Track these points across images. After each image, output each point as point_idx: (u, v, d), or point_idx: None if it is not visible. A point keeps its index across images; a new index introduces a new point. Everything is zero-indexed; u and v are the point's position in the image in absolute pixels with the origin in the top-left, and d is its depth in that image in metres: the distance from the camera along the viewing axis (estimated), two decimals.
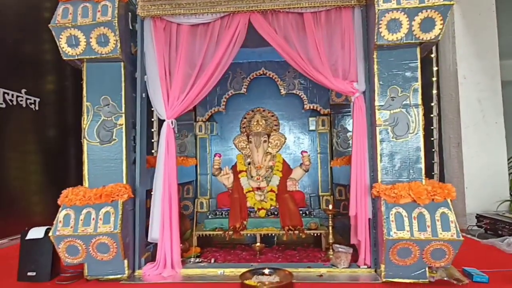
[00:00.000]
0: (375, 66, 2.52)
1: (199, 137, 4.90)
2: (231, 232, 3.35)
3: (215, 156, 3.93)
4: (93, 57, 2.59)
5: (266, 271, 2.52)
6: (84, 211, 2.47)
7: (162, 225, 2.73)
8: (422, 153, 2.44)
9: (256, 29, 2.90)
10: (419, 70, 2.48)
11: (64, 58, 2.59)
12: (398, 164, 2.46)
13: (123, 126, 2.67)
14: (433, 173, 4.99)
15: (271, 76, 4.79)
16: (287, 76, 4.76)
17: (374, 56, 2.53)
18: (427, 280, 2.35)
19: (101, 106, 2.66)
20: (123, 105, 2.68)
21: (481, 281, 2.38)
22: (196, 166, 4.87)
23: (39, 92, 4.52)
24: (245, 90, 4.80)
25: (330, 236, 3.11)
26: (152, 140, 5.37)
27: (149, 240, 2.79)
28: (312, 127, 4.80)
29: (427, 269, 2.36)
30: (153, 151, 5.29)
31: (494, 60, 4.69)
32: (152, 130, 5.36)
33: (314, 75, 2.83)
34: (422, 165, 2.44)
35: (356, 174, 2.70)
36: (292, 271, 2.60)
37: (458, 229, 2.27)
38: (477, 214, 4.17)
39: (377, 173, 2.51)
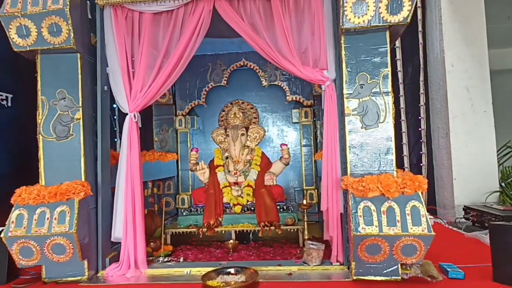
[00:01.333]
0: (343, 52, 2.37)
1: (180, 131, 4.78)
2: (204, 229, 3.24)
3: (191, 150, 3.80)
4: (45, 48, 2.45)
5: (232, 270, 2.40)
6: (38, 210, 2.35)
7: (125, 223, 2.62)
8: (392, 143, 2.30)
9: (222, 17, 2.75)
10: (388, 55, 2.33)
11: (15, 50, 2.46)
12: (367, 155, 2.33)
13: (81, 121, 2.54)
14: (421, 164, 4.86)
15: (252, 67, 4.65)
16: (269, 67, 4.61)
17: (342, 41, 2.38)
18: (400, 277, 2.23)
19: (57, 100, 2.53)
20: (80, 99, 2.55)
21: (457, 277, 2.26)
22: (177, 161, 4.77)
23: (12, 88, 4.39)
24: (225, 82, 4.67)
25: (305, 232, 2.98)
26: None
27: (112, 239, 2.68)
28: (295, 119, 4.66)
29: (399, 266, 2.23)
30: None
31: (482, 47, 4.52)
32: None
33: (283, 64, 2.69)
34: (393, 156, 2.30)
35: (327, 167, 2.57)
36: (262, 269, 2.49)
37: (430, 223, 2.14)
38: (465, 206, 4.03)
39: (347, 166, 2.38)
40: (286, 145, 3.74)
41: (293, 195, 4.60)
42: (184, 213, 3.51)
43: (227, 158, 3.82)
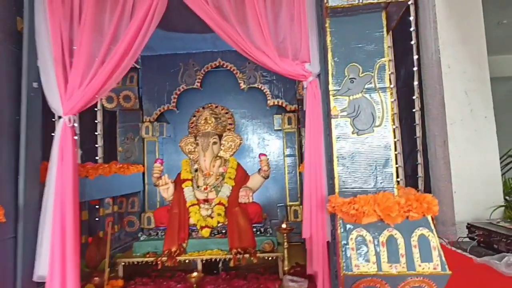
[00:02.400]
0: (328, 38, 1.88)
1: (147, 140, 4.23)
2: (164, 258, 2.67)
3: (155, 162, 3.23)
4: None
5: None
6: None
7: (51, 257, 2.04)
8: (392, 153, 1.81)
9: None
10: (385, 42, 1.84)
11: None
12: (360, 168, 1.82)
13: None
14: (417, 176, 4.39)
15: (229, 68, 4.16)
16: (247, 67, 4.13)
17: (327, 25, 1.89)
18: None
19: None
20: None
21: None
22: (143, 174, 4.20)
23: None
24: (199, 84, 4.15)
25: (285, 262, 2.44)
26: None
27: (34, 279, 2.08)
28: (277, 126, 4.17)
29: None
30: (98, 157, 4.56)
31: (481, 46, 4.11)
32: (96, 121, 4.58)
33: (257, 56, 2.20)
34: (393, 169, 1.81)
35: (310, 183, 2.06)
36: None
37: (443, 258, 1.63)
38: (468, 224, 3.55)
39: (334, 182, 1.86)
40: (265, 155, 3.22)
41: (275, 212, 4.07)
42: (141, 238, 2.92)
43: (196, 170, 3.28)
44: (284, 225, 2.46)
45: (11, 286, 2.02)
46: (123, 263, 2.71)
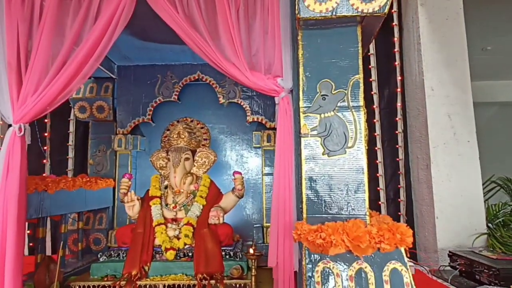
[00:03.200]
0: (300, 52, 1.76)
1: (119, 153, 4.02)
2: (123, 283, 2.44)
3: (123, 177, 3.04)
4: None
5: None
6: None
7: None
8: (365, 177, 1.66)
9: (150, 5, 2.12)
10: (360, 58, 1.73)
11: None
12: (330, 192, 1.67)
13: None
14: (399, 200, 4.27)
15: (208, 81, 4.03)
16: (227, 82, 4.00)
17: (299, 37, 1.77)
18: None
19: None
20: None
21: None
22: (113, 189, 3.97)
23: None
24: (176, 97, 4.00)
25: None
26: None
27: None
28: (256, 143, 4.01)
29: None
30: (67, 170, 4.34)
31: (464, 70, 4.09)
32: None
33: (227, 68, 2.08)
34: (365, 195, 1.66)
35: (278, 206, 1.90)
36: None
37: None
38: (450, 252, 3.42)
39: (303, 208, 1.71)
40: (240, 173, 3.06)
41: (251, 232, 3.87)
42: (101, 259, 2.69)
43: (166, 187, 3.08)
44: (251, 250, 2.27)
45: None
46: (78, 287, 2.47)
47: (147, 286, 2.50)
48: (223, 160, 4.10)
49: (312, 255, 1.54)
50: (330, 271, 1.51)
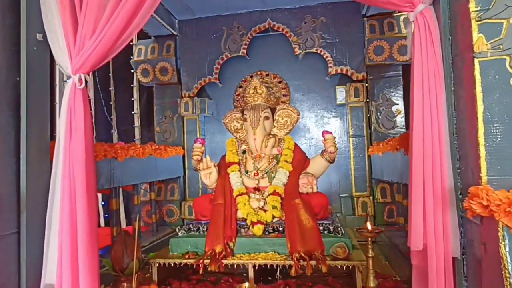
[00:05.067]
0: None
1: (186, 118, 3.69)
2: (206, 261, 2.09)
3: (195, 142, 2.65)
4: None
5: None
6: None
7: (59, 260, 1.53)
8: None
9: None
10: None
11: None
12: None
13: None
14: None
15: (281, 30, 3.46)
16: (303, 28, 3.40)
17: None
18: None
19: None
20: None
21: None
22: (183, 157, 3.68)
23: None
24: (244, 51, 3.51)
25: (371, 277, 1.75)
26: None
27: (42, 287, 1.59)
28: (340, 100, 3.41)
29: None
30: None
31: None
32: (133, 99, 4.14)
33: None
34: None
35: (423, 169, 1.32)
36: None
37: None
38: None
39: (478, 165, 1.12)
40: (331, 133, 2.49)
41: (338, 205, 3.36)
42: (179, 234, 2.37)
43: (244, 152, 2.65)
44: (369, 225, 1.75)
45: None
46: (158, 264, 2.18)
47: (234, 265, 2.13)
48: (301, 122, 3.57)
49: None
50: None
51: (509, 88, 1.09)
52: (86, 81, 1.65)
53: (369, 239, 1.74)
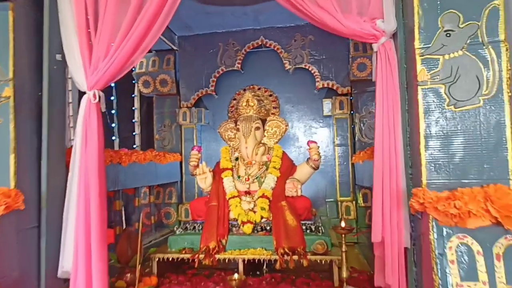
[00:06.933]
0: None
1: (184, 127, 3.96)
2: (201, 256, 2.35)
3: (192, 149, 2.92)
4: None
5: None
6: None
7: (76, 252, 1.78)
8: (508, 132, 1.30)
9: None
10: None
11: None
12: (459, 153, 1.34)
13: (11, 100, 1.74)
14: None
15: (272, 47, 3.76)
16: (293, 45, 3.70)
17: None
18: None
19: None
20: (11, 68, 1.75)
21: None
22: (181, 163, 3.94)
23: None
24: (239, 66, 3.80)
25: (344, 269, 2.01)
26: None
27: (59, 275, 1.84)
28: (327, 112, 3.71)
29: None
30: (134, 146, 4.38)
31: None
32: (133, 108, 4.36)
33: (314, 12, 1.77)
34: (509, 154, 1.30)
35: (383, 173, 1.60)
36: None
37: None
38: None
39: (419, 171, 1.40)
40: (315, 142, 2.78)
41: (324, 208, 3.63)
42: (177, 232, 2.63)
43: (237, 159, 2.92)
44: (343, 223, 2.02)
45: (34, 283, 1.79)
46: (158, 259, 2.43)
47: (226, 259, 2.38)
48: (290, 132, 3.84)
49: (443, 229, 1.24)
50: (468, 248, 1.21)
51: (444, 111, 1.37)
52: (99, 96, 1.92)
53: (343, 235, 2.01)
